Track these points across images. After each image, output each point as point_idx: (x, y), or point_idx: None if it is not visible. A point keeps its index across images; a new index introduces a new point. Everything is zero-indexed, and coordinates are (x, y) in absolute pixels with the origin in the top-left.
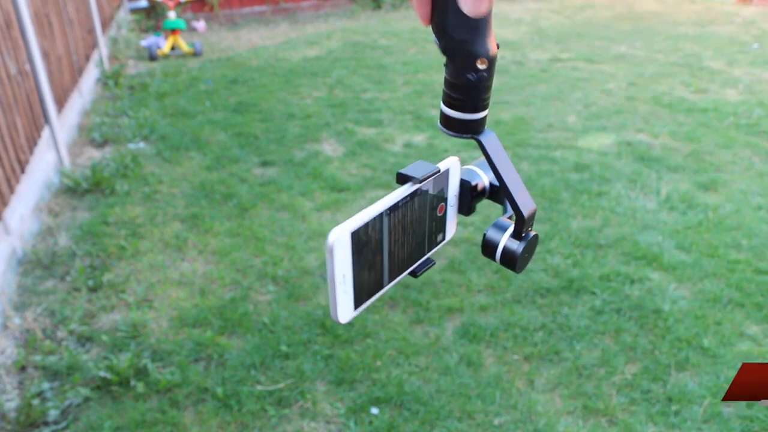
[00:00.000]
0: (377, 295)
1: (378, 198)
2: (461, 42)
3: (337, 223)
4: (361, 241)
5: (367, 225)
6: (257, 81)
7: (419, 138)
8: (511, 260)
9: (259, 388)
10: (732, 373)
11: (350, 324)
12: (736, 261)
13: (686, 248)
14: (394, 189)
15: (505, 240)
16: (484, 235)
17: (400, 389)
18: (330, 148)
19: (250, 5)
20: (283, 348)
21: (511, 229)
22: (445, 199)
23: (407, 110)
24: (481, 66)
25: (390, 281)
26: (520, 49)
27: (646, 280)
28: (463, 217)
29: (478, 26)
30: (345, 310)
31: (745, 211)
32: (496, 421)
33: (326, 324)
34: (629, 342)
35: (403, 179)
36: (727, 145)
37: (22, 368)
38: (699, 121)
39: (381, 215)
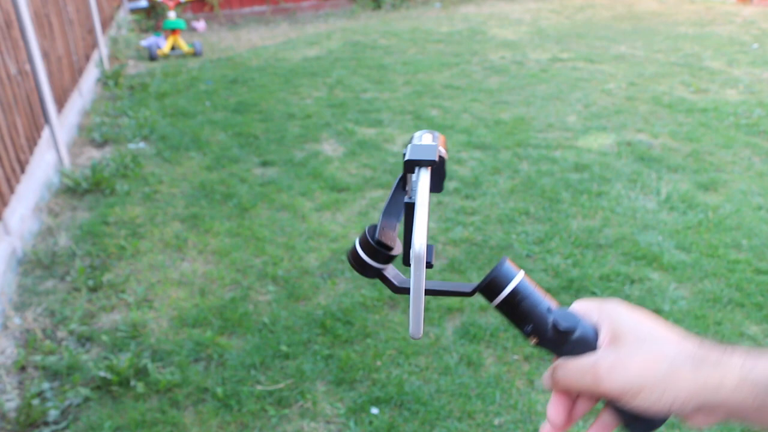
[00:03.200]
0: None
1: (379, 198)
2: None
3: (337, 223)
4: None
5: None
6: (257, 81)
7: None
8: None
9: (259, 388)
10: None
11: (350, 324)
12: (736, 261)
13: (686, 248)
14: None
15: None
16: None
17: (400, 389)
18: (330, 148)
19: (250, 5)
20: (283, 348)
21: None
22: None
23: (407, 110)
24: None
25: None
26: (520, 49)
27: (646, 280)
28: (464, 216)
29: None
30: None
31: (745, 211)
32: (496, 421)
33: (326, 324)
34: None
35: (413, 166)
36: (727, 145)
37: (22, 368)
38: (699, 121)
39: None
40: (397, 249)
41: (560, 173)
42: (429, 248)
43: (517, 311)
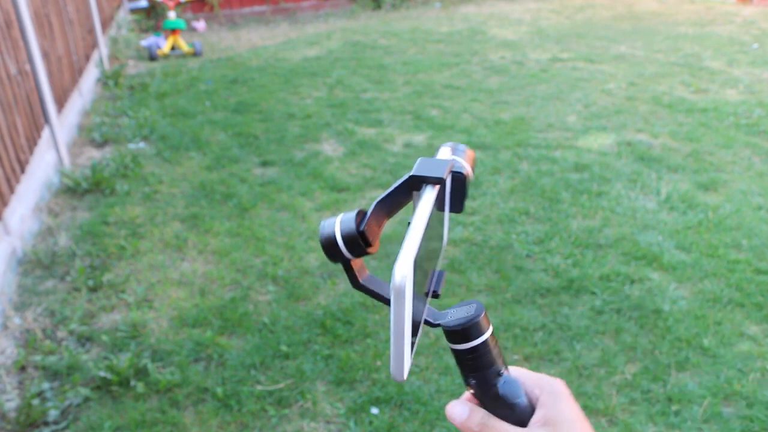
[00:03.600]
0: (418, 335)
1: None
2: None
3: None
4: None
5: (419, 249)
6: (257, 81)
7: (419, 138)
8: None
9: (259, 388)
10: (732, 373)
11: (350, 324)
12: (736, 261)
13: (686, 248)
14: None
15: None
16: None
17: (400, 389)
18: (330, 148)
19: (250, 5)
20: (283, 348)
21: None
22: (443, 197)
23: (407, 110)
24: None
25: (423, 309)
26: (520, 49)
27: (646, 280)
28: (464, 216)
29: None
30: (408, 363)
31: (745, 211)
32: None
33: (326, 324)
34: (629, 342)
35: (419, 182)
36: (727, 145)
37: (22, 368)
38: (699, 121)
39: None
40: (375, 248)
41: (560, 173)
42: (438, 275)
43: (470, 364)
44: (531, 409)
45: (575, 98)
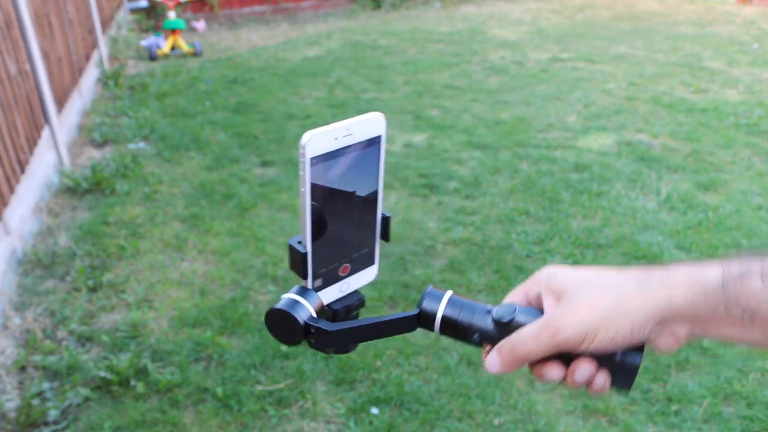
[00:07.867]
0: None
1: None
2: None
3: None
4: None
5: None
6: (257, 81)
7: (419, 138)
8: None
9: (259, 388)
10: (732, 373)
11: None
12: None
13: (686, 248)
14: (393, 189)
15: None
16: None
17: (400, 389)
18: None
19: (250, 5)
20: (283, 348)
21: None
22: None
23: (407, 110)
24: None
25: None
26: (520, 49)
27: None
28: (464, 216)
29: None
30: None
31: (745, 211)
32: (496, 421)
33: None
34: None
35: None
36: (727, 145)
37: (22, 368)
38: (699, 121)
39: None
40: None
41: (560, 173)
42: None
43: (459, 327)
44: (541, 311)
45: (575, 98)
